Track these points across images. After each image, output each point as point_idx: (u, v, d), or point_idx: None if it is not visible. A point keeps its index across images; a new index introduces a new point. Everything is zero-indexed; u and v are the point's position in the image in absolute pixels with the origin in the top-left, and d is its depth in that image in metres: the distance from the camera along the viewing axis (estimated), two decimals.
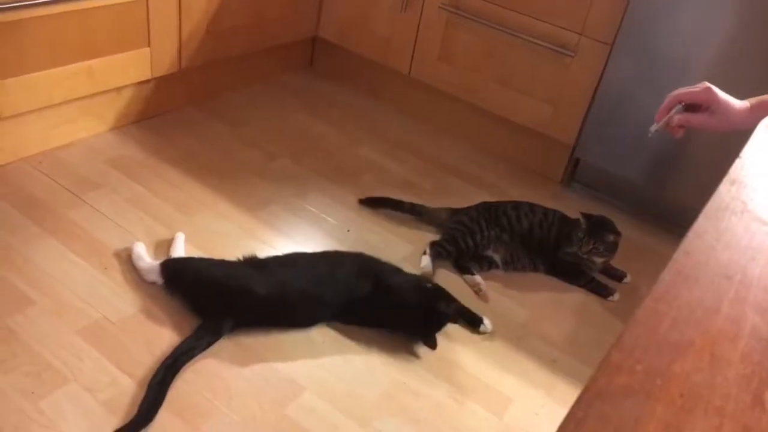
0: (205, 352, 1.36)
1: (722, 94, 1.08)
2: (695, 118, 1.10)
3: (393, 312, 1.48)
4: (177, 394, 1.27)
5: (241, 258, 1.51)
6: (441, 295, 1.53)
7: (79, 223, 1.63)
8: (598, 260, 1.74)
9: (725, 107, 1.06)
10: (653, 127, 1.14)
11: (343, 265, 1.54)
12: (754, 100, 1.07)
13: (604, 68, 1.91)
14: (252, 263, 1.50)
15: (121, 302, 1.44)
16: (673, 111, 1.11)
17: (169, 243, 1.61)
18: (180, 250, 1.58)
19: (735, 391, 0.43)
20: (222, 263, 1.51)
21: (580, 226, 1.71)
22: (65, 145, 1.89)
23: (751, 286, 0.53)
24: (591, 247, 1.69)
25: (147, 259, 1.52)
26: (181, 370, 1.31)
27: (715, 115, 1.07)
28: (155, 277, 1.47)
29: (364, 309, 1.48)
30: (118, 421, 1.20)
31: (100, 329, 1.37)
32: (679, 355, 0.45)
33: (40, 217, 1.62)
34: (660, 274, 0.52)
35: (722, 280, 0.53)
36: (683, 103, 1.11)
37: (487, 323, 1.56)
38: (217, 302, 1.42)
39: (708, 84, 1.09)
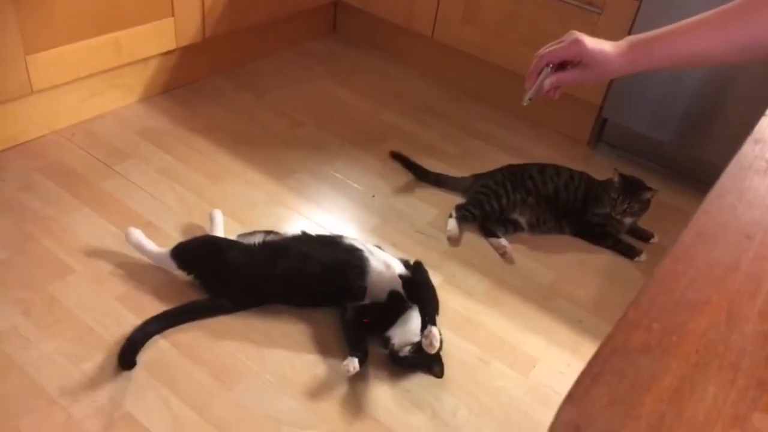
0: (235, 316, 1.40)
1: (592, 43, 0.96)
2: (567, 76, 0.99)
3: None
4: (211, 355, 1.32)
5: (257, 242, 1.46)
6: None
7: (112, 194, 1.68)
8: (630, 220, 1.73)
9: (600, 57, 0.95)
10: (525, 97, 1.03)
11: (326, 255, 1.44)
12: (633, 38, 0.95)
13: (632, 24, 1.87)
14: (267, 247, 1.45)
15: (156, 269, 1.48)
16: (542, 75, 1.01)
17: (200, 211, 1.65)
18: (219, 228, 1.57)
19: (750, 347, 0.44)
20: (230, 247, 1.45)
21: (614, 186, 1.70)
22: (96, 117, 1.93)
23: None
24: (626, 206, 1.68)
25: (151, 246, 1.47)
26: (214, 333, 1.36)
27: (589, 67, 0.97)
28: (165, 263, 1.45)
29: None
30: (156, 380, 1.26)
31: (138, 295, 1.42)
32: (696, 313, 0.46)
33: (76, 189, 1.67)
34: None
35: (742, 240, 0.53)
36: (551, 64, 1.00)
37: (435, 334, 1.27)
38: (227, 284, 1.43)
39: (576, 35, 0.97)
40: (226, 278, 1.43)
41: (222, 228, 1.58)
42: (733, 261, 0.51)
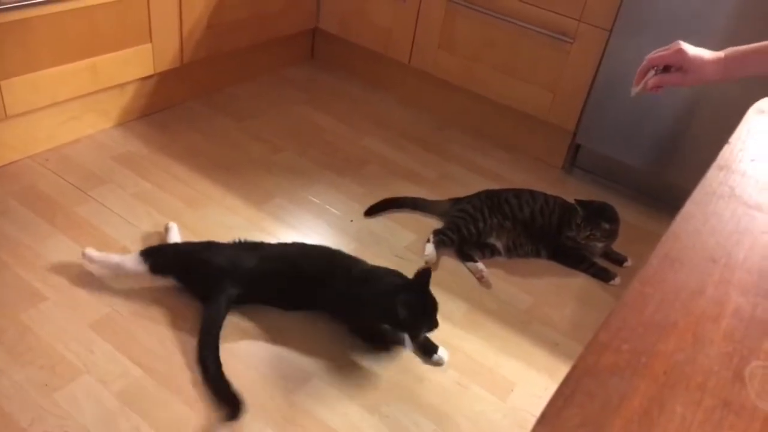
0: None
1: (693, 52, 1.14)
2: (668, 79, 1.17)
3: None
4: (188, 385, 1.30)
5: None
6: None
7: (87, 219, 1.66)
8: (598, 245, 1.76)
9: (698, 64, 1.12)
10: (633, 90, 1.24)
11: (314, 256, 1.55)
12: (730, 50, 1.11)
13: (603, 54, 1.92)
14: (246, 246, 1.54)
15: (131, 295, 1.47)
16: (648, 76, 1.20)
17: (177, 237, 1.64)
18: (176, 239, 1.59)
19: (717, 368, 0.45)
20: (201, 244, 1.54)
21: (577, 212, 1.73)
22: (71, 142, 1.92)
23: (735, 268, 0.55)
24: (588, 233, 1.71)
25: (112, 255, 1.49)
26: (190, 360, 1.34)
27: (688, 73, 1.14)
28: (133, 266, 1.45)
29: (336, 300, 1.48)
30: (128, 409, 1.23)
31: (112, 322, 1.40)
32: (664, 334, 0.47)
33: (50, 214, 1.65)
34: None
35: (708, 263, 0.55)
36: (656, 68, 1.19)
37: (443, 354, 1.45)
38: (206, 279, 1.45)
39: (680, 45, 1.15)
40: (213, 278, 1.44)
41: (178, 239, 1.60)
42: (698, 284, 0.52)
